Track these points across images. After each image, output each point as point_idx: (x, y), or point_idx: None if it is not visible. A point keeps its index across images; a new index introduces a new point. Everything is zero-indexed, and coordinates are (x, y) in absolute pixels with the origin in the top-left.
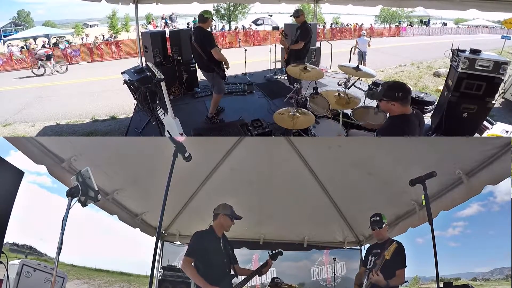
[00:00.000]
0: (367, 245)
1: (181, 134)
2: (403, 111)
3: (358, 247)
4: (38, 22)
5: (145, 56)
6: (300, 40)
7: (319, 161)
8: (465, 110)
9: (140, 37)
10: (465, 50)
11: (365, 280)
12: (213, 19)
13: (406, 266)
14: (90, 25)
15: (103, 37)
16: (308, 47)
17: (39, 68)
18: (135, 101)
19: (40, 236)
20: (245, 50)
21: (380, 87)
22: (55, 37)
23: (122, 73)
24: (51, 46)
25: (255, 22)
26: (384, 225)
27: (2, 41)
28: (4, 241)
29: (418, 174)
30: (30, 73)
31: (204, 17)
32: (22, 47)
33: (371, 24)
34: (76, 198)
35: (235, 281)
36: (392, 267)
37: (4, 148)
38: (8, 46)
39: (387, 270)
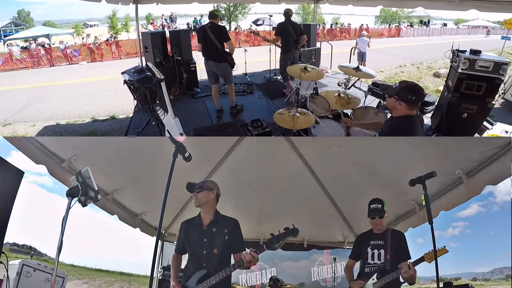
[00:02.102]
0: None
1: (181, 134)
2: (408, 113)
3: None
4: (38, 22)
5: (145, 56)
6: (275, 35)
7: (319, 161)
8: (465, 110)
9: (140, 37)
10: (465, 51)
11: (374, 277)
12: (221, 18)
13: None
14: (90, 25)
15: (96, 37)
16: (287, 43)
17: None
18: (135, 101)
19: (40, 236)
20: (245, 50)
21: (398, 84)
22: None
23: (122, 73)
24: (50, 46)
25: (255, 22)
26: (385, 214)
27: (2, 41)
28: (4, 241)
29: (418, 174)
30: (30, 73)
31: (215, 14)
32: (22, 47)
33: (366, 25)
34: (76, 198)
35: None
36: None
37: (4, 148)
38: (8, 46)
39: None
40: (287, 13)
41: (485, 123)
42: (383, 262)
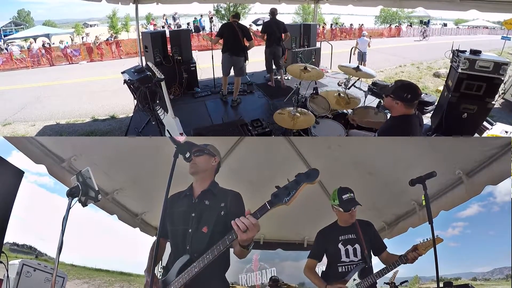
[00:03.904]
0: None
1: (181, 134)
2: (406, 112)
3: None
4: (38, 22)
5: (145, 55)
6: (261, 32)
7: (319, 161)
8: (465, 110)
9: (140, 37)
10: (465, 51)
11: (356, 275)
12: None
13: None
14: (90, 25)
15: (96, 37)
16: (271, 39)
17: None
18: (135, 101)
19: (40, 236)
20: None
21: (393, 83)
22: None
23: (122, 72)
24: (50, 46)
25: (255, 22)
26: None
27: (2, 40)
28: (4, 241)
29: (418, 174)
30: (30, 72)
31: (239, 15)
32: (22, 47)
33: (362, 24)
34: (77, 198)
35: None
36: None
37: (4, 148)
38: (8, 45)
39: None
40: (273, 12)
41: (485, 123)
42: (361, 258)
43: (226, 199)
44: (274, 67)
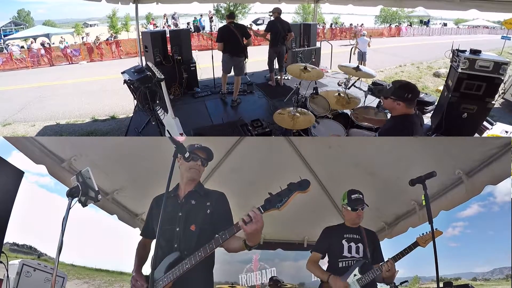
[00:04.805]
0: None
1: (181, 134)
2: (407, 112)
3: None
4: (38, 22)
5: (145, 55)
6: (264, 31)
7: (319, 161)
8: (465, 110)
9: (140, 37)
10: (465, 51)
11: (357, 270)
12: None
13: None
14: (90, 25)
15: (97, 37)
16: (275, 38)
17: None
18: (135, 101)
19: (40, 236)
20: None
21: (391, 85)
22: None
23: (122, 72)
24: (50, 46)
25: (255, 22)
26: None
27: (2, 40)
28: (4, 241)
29: (418, 174)
30: (30, 73)
31: (234, 15)
32: (22, 47)
33: (361, 24)
34: (76, 198)
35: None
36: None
37: (4, 148)
38: (8, 45)
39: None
40: (278, 12)
41: (485, 123)
42: (361, 256)
43: (212, 198)
44: (276, 66)
